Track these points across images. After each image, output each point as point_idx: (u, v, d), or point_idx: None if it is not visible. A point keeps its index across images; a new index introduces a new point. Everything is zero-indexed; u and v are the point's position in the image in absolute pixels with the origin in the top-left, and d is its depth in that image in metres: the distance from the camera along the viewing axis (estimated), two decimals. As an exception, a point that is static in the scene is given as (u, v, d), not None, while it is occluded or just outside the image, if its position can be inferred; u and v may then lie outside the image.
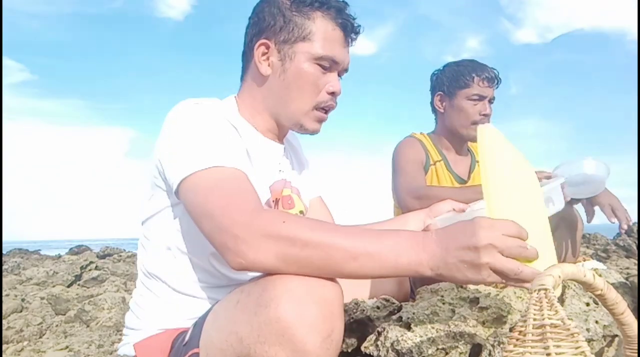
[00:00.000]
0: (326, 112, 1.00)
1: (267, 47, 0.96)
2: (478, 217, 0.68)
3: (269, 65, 0.96)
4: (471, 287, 0.99)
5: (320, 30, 0.94)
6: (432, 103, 1.88)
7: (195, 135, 0.83)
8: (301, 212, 1.07)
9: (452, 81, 1.76)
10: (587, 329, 0.88)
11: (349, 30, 0.97)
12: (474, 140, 1.84)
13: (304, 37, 0.94)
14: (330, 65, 0.96)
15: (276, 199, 1.00)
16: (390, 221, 1.15)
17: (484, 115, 1.74)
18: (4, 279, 3.84)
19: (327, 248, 0.66)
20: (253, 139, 0.97)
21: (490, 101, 1.75)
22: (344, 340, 0.92)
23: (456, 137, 1.81)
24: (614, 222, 1.47)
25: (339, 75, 1.00)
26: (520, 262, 0.64)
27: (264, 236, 0.67)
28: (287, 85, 0.95)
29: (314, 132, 1.01)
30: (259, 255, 0.67)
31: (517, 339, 0.51)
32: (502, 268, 0.63)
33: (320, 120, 1.00)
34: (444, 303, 0.93)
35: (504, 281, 0.65)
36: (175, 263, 0.91)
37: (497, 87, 1.77)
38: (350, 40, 0.99)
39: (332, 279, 0.68)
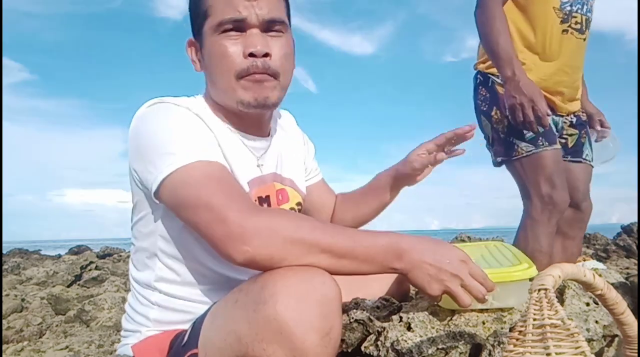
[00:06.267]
0: (261, 75, 0.86)
1: (195, 45, 0.94)
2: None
3: (199, 60, 0.94)
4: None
5: (216, 0, 0.87)
6: None
7: (168, 133, 0.81)
8: (298, 203, 1.06)
9: None
10: (587, 329, 0.88)
11: None
12: None
13: (204, 16, 0.88)
14: (237, 26, 0.86)
15: (267, 195, 0.97)
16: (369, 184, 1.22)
17: None
18: (4, 279, 3.84)
19: (331, 230, 0.73)
20: (224, 135, 0.92)
21: None
22: (344, 340, 0.92)
23: None
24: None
25: (266, 31, 0.88)
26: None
27: (270, 225, 0.70)
28: (209, 70, 0.91)
29: (260, 102, 0.88)
30: (267, 242, 0.69)
31: (517, 339, 0.51)
32: (470, 284, 0.74)
33: (255, 84, 0.87)
34: (443, 303, 0.93)
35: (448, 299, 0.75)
36: (162, 268, 0.90)
37: None
38: None
39: (330, 277, 0.68)
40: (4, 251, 7.37)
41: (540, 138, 1.56)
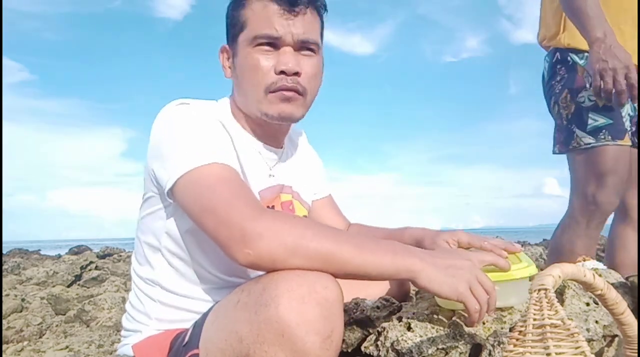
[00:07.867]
0: (289, 92, 0.89)
1: (228, 52, 0.97)
2: None
3: (229, 67, 0.96)
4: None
5: (255, 12, 0.89)
6: None
7: (188, 134, 0.83)
8: (304, 216, 1.07)
9: None
10: (587, 329, 0.88)
11: (285, 0, 0.88)
12: None
13: (242, 27, 0.91)
14: (271, 42, 0.88)
15: (273, 205, 0.99)
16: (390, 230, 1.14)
17: None
18: (4, 279, 3.84)
19: (335, 240, 0.70)
20: (242, 142, 0.95)
21: None
22: (343, 340, 0.92)
23: None
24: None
25: (299, 50, 0.90)
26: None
27: (272, 228, 0.69)
28: (239, 79, 0.93)
29: (284, 117, 0.91)
30: (268, 245, 0.69)
31: (517, 339, 0.51)
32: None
33: (282, 100, 0.90)
34: (444, 303, 0.93)
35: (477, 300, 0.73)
36: (165, 264, 0.91)
37: None
38: (293, 9, 0.88)
39: (333, 280, 0.68)
40: (4, 251, 7.37)
41: (604, 131, 1.40)
